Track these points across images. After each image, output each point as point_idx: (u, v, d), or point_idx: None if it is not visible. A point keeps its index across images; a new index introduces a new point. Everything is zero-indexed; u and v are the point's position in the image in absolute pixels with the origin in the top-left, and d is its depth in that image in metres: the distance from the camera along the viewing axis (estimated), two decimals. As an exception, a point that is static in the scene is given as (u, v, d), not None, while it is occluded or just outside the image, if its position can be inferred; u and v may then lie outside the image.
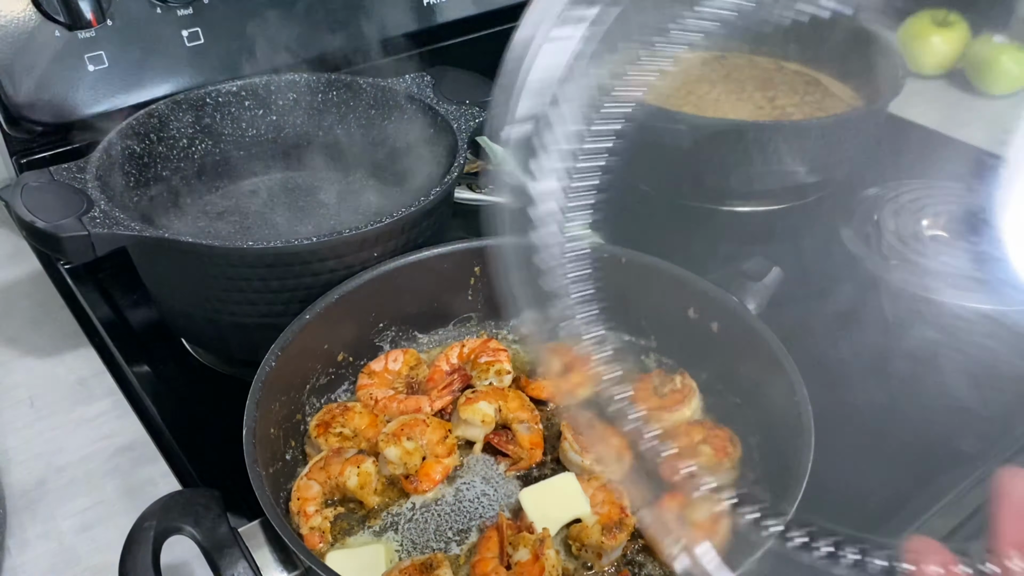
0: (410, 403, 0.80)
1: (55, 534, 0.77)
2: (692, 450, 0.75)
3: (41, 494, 0.80)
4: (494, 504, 0.74)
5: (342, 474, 0.72)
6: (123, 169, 0.91)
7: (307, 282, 0.80)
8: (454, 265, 0.86)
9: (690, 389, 0.80)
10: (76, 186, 0.81)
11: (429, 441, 0.76)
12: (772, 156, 1.08)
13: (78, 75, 0.98)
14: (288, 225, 0.98)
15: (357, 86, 1.03)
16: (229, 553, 0.59)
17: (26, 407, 0.89)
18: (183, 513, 0.60)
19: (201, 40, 1.03)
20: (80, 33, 0.96)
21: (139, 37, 1.00)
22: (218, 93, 1.00)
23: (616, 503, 0.71)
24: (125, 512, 0.78)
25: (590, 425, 0.77)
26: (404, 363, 0.84)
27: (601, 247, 0.86)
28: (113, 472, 0.82)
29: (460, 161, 0.88)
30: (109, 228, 0.77)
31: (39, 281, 1.05)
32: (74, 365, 0.94)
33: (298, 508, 0.70)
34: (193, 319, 0.86)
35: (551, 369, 0.83)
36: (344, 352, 0.83)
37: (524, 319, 0.51)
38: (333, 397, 0.83)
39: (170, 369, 0.92)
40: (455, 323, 0.90)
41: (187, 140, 1.00)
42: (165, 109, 0.96)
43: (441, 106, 0.97)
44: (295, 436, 0.78)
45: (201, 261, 0.79)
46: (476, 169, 1.20)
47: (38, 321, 1.00)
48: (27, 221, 0.76)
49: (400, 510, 0.73)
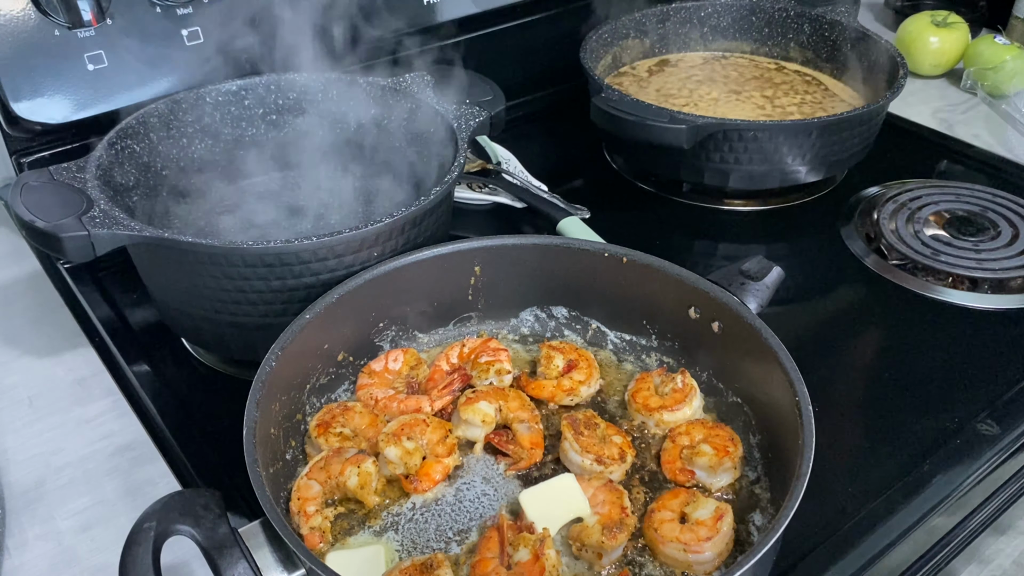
0: (410, 403, 0.80)
1: (54, 534, 0.76)
2: (693, 449, 0.75)
3: (40, 494, 0.80)
4: (494, 504, 0.74)
5: (342, 474, 0.72)
6: (123, 169, 0.91)
7: (307, 282, 0.80)
8: (454, 265, 0.86)
9: (691, 388, 0.80)
10: (76, 186, 0.81)
11: (429, 441, 0.76)
12: (772, 156, 1.09)
13: (78, 74, 0.97)
14: (288, 225, 0.98)
15: (357, 85, 1.03)
16: (229, 553, 0.59)
17: (25, 407, 0.89)
18: (183, 513, 0.60)
19: (201, 39, 1.03)
20: (79, 32, 0.96)
21: (139, 36, 1.00)
22: (218, 93, 1.00)
23: (616, 503, 0.71)
24: (125, 512, 0.78)
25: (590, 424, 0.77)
26: (404, 363, 0.84)
27: (601, 247, 0.86)
28: (113, 472, 0.82)
29: (460, 161, 0.88)
30: (109, 228, 0.76)
31: (38, 281, 1.05)
32: (73, 365, 0.94)
33: (298, 508, 0.70)
34: (193, 319, 0.86)
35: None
36: (344, 352, 0.83)
37: None
38: (333, 397, 0.83)
39: (170, 369, 0.92)
40: (455, 323, 0.90)
41: (187, 140, 0.99)
42: (165, 109, 0.96)
43: (441, 106, 0.97)
44: (295, 436, 0.78)
45: (201, 261, 0.79)
46: (476, 169, 1.20)
47: (37, 321, 1.00)
48: (27, 220, 0.76)
49: (400, 510, 0.73)
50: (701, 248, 1.14)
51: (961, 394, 0.88)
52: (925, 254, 1.06)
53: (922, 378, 0.91)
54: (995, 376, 0.90)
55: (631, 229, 1.13)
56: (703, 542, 0.67)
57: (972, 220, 1.12)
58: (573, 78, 1.24)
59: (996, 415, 0.85)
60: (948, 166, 1.28)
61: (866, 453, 0.82)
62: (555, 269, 0.87)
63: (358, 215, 1.01)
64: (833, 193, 1.21)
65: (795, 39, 1.36)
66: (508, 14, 1.30)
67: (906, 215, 1.13)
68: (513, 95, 1.09)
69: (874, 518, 0.75)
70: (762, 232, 1.15)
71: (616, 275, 0.85)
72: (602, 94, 1.10)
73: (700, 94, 1.28)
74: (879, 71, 1.23)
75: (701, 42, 1.40)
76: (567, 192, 1.17)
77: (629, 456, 0.76)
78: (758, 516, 0.71)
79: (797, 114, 1.24)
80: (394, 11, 1.15)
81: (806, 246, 1.14)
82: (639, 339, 0.87)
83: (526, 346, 0.89)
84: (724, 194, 1.18)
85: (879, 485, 0.78)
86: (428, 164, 0.98)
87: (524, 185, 1.16)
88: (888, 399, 0.88)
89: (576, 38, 1.23)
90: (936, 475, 0.79)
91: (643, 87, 1.30)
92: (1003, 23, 1.61)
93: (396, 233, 0.82)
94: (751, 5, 1.37)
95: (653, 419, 0.79)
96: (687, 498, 0.71)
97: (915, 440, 0.83)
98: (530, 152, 1.24)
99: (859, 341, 0.97)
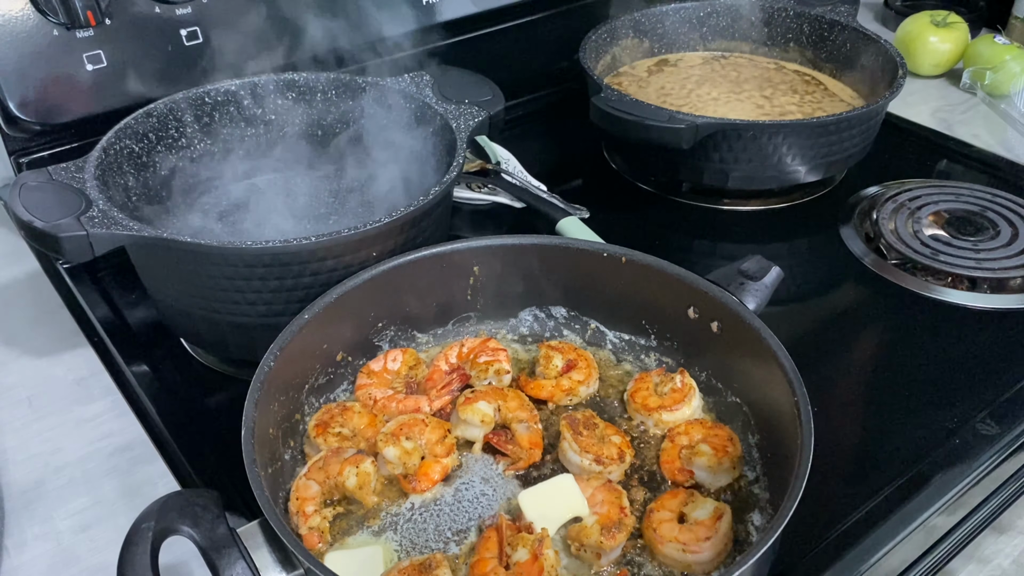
0: (409, 403, 0.80)
1: (53, 534, 0.76)
2: (692, 449, 0.75)
3: (39, 494, 0.80)
4: (493, 504, 0.73)
5: (341, 474, 0.72)
6: (122, 169, 0.91)
7: (306, 282, 0.80)
8: (453, 265, 0.86)
9: (690, 388, 0.80)
10: (75, 186, 0.81)
11: (428, 441, 0.76)
12: (772, 156, 1.09)
13: (76, 74, 0.97)
14: (287, 225, 0.98)
15: (356, 85, 1.03)
16: (228, 553, 0.59)
17: (24, 407, 0.89)
18: (182, 513, 0.60)
19: (200, 39, 1.03)
20: (78, 32, 0.96)
21: (138, 36, 1.00)
22: (217, 93, 1.00)
23: (615, 503, 0.71)
24: (123, 512, 0.78)
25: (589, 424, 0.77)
26: (403, 363, 0.84)
27: (600, 247, 0.86)
28: (111, 472, 0.82)
29: (459, 161, 0.88)
30: (107, 228, 0.76)
31: (37, 281, 1.05)
32: (72, 365, 0.94)
33: (297, 508, 0.70)
34: (192, 319, 0.86)
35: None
36: (343, 352, 0.83)
37: None
38: (332, 397, 0.83)
39: (169, 369, 0.92)
40: (454, 322, 0.90)
41: (186, 140, 0.99)
42: (164, 109, 0.96)
43: (441, 106, 0.97)
44: (294, 436, 0.77)
45: (200, 261, 0.79)
46: (475, 169, 1.20)
47: (36, 321, 1.00)
48: (25, 221, 0.76)
49: (399, 510, 0.73)
50: (700, 248, 1.14)
51: (960, 394, 0.88)
52: (924, 254, 1.06)
53: (921, 378, 0.91)
54: (994, 376, 0.90)
55: (630, 229, 1.13)
56: (702, 542, 0.67)
57: (971, 220, 1.12)
58: (572, 78, 1.24)
59: (995, 415, 0.85)
60: (948, 166, 1.28)
61: (865, 453, 0.82)
62: (554, 269, 0.87)
63: (357, 215, 1.01)
64: (832, 193, 1.21)
65: (795, 39, 1.36)
66: (508, 14, 1.30)
67: (905, 215, 1.13)
68: (513, 95, 1.09)
69: (874, 518, 0.75)
70: (761, 232, 1.15)
71: (615, 275, 0.84)
72: (601, 94, 1.10)
73: (699, 94, 1.28)
74: (879, 71, 1.23)
75: (701, 42, 1.40)
76: (566, 192, 1.17)
77: (628, 456, 0.76)
78: (757, 516, 0.71)
79: (797, 114, 1.24)
80: (394, 11, 1.15)
81: (805, 246, 1.14)
82: (638, 339, 0.87)
83: (525, 346, 0.89)
84: (723, 194, 1.18)
85: (879, 485, 0.78)
86: (427, 164, 0.98)
87: (523, 185, 1.16)
88: (887, 399, 0.88)
89: (576, 38, 1.23)
90: (935, 475, 0.79)
91: (642, 87, 1.30)
92: (1003, 23, 1.61)
93: (395, 233, 0.82)
94: (751, 5, 1.36)
95: (652, 419, 0.79)
96: (686, 498, 0.71)
97: (914, 440, 0.83)
98: (529, 152, 1.24)
99: (858, 341, 0.97)
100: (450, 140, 0.93)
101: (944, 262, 1.04)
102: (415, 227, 0.84)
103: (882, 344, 0.97)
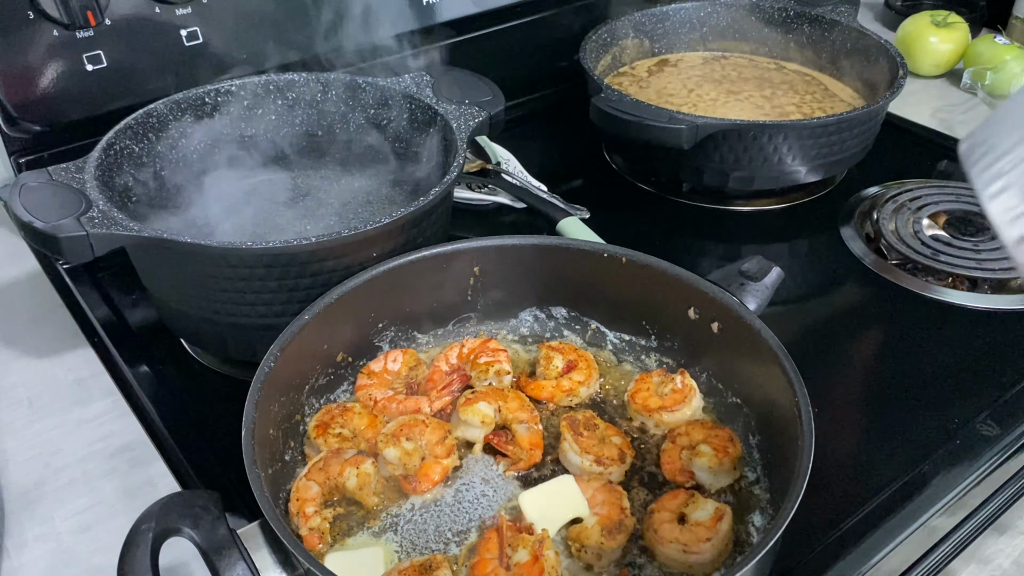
0: (409, 403, 0.80)
1: (53, 535, 0.76)
2: (693, 450, 0.75)
3: (39, 495, 0.80)
4: (493, 505, 0.73)
5: (341, 475, 0.72)
6: (121, 169, 0.91)
7: (306, 282, 0.80)
8: (453, 265, 0.85)
9: (690, 389, 0.80)
10: (74, 186, 0.81)
11: (428, 442, 0.76)
12: (772, 156, 1.09)
13: (76, 75, 0.97)
14: (287, 225, 0.98)
15: (356, 85, 1.03)
16: (228, 554, 0.59)
17: (24, 407, 0.89)
18: (182, 514, 0.60)
19: (200, 40, 1.03)
20: (78, 32, 0.96)
21: (137, 36, 1.00)
22: (217, 93, 1.00)
23: (616, 504, 0.71)
24: (124, 513, 0.78)
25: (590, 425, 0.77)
26: (403, 363, 0.84)
27: (601, 247, 0.86)
28: (112, 473, 0.82)
29: (460, 161, 0.88)
30: (107, 228, 0.76)
31: (37, 281, 1.05)
32: (73, 365, 0.94)
33: (297, 509, 0.70)
34: (192, 319, 0.86)
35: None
36: (343, 352, 0.82)
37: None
38: (332, 398, 0.83)
39: (169, 370, 0.92)
40: (454, 323, 0.90)
41: (186, 140, 0.99)
42: (163, 109, 0.96)
43: (441, 106, 0.97)
44: (294, 437, 0.77)
45: (200, 261, 0.79)
46: (476, 169, 1.20)
47: (36, 321, 1.00)
48: (25, 221, 0.76)
49: (399, 511, 0.73)
50: (701, 248, 1.14)
51: (961, 394, 0.88)
52: (925, 254, 1.06)
53: (922, 378, 0.91)
54: (995, 376, 0.90)
55: (630, 229, 1.13)
56: (702, 543, 0.67)
57: (972, 220, 1.12)
58: (573, 78, 1.24)
59: (996, 415, 0.85)
60: (948, 166, 1.28)
61: (866, 453, 0.82)
62: (554, 269, 0.87)
63: (357, 215, 1.01)
64: (833, 193, 1.21)
65: (795, 39, 1.36)
66: (508, 14, 1.30)
67: (906, 215, 1.13)
68: (513, 95, 1.09)
69: (874, 518, 0.75)
70: (762, 232, 1.15)
71: (615, 275, 0.84)
72: (601, 94, 1.10)
73: (699, 94, 1.28)
74: (879, 71, 1.23)
75: (701, 42, 1.40)
76: (567, 192, 1.17)
77: (628, 457, 0.76)
78: (758, 517, 0.71)
79: (797, 114, 1.24)
80: (394, 11, 1.15)
81: (806, 246, 1.14)
82: (638, 339, 0.87)
83: (525, 346, 0.89)
84: (724, 194, 1.18)
85: (879, 485, 0.78)
86: (427, 164, 0.98)
87: (524, 185, 1.16)
88: (888, 399, 0.88)
89: (576, 38, 1.23)
90: (936, 475, 0.79)
91: (642, 87, 1.30)
92: (1003, 23, 1.61)
93: (395, 234, 0.82)
94: (751, 5, 1.36)
95: (652, 420, 0.79)
96: (686, 499, 0.71)
97: (915, 440, 0.83)
98: (530, 152, 1.23)
99: (859, 341, 0.97)
100: (450, 140, 0.93)
101: (945, 262, 1.04)
102: (415, 227, 0.84)
103: (883, 345, 0.97)
